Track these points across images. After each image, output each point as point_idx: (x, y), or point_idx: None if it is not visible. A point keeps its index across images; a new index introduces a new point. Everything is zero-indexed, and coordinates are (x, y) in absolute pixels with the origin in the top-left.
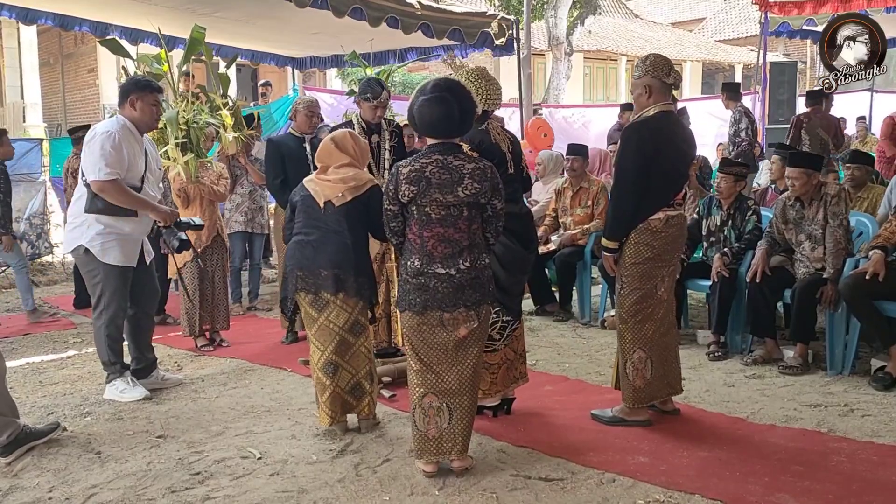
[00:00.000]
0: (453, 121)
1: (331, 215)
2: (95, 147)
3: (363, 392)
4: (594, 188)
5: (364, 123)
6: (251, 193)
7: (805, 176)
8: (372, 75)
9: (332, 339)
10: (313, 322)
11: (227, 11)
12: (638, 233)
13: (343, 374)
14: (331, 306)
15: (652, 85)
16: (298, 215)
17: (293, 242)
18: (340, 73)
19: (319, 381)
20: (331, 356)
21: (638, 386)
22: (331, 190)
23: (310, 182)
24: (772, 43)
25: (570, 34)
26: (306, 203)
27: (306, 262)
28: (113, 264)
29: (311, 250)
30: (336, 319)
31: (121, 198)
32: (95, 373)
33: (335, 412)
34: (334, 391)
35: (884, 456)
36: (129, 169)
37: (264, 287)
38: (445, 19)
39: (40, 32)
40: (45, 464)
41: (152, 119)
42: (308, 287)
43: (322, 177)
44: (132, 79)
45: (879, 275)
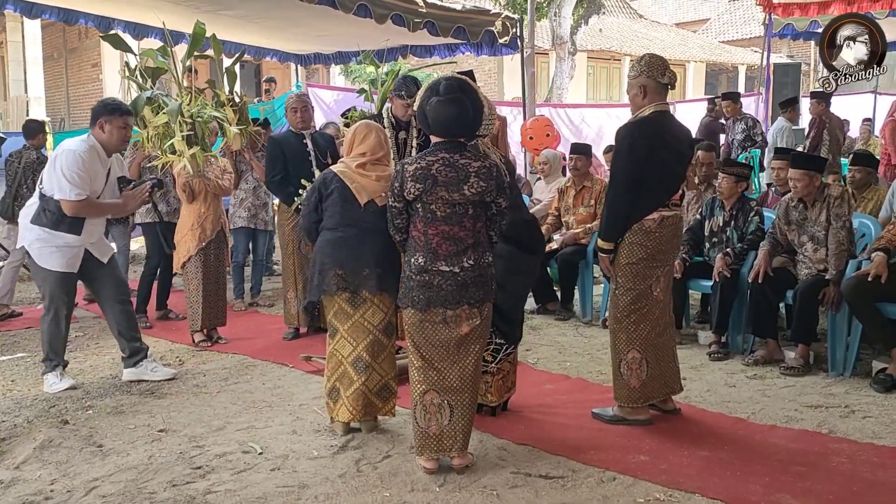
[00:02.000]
0: (467, 121)
1: (371, 214)
2: (62, 167)
3: (391, 393)
4: (597, 187)
5: (394, 119)
6: (255, 189)
7: (807, 177)
8: (407, 74)
9: (365, 336)
10: (347, 318)
11: (233, 9)
12: (632, 233)
13: (373, 376)
14: (367, 304)
15: (647, 85)
16: (330, 209)
17: (327, 241)
18: (344, 69)
19: (346, 375)
20: (362, 353)
21: (633, 386)
22: (374, 188)
23: (345, 174)
24: (776, 44)
25: (574, 33)
26: (342, 198)
27: (348, 262)
28: (50, 269)
29: (351, 249)
30: (372, 318)
31: (94, 211)
32: (97, 367)
33: (357, 409)
34: (360, 389)
35: (884, 457)
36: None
37: (266, 283)
38: (449, 17)
39: (44, 27)
40: (47, 456)
41: (120, 142)
42: (348, 286)
43: (363, 172)
44: (102, 102)
45: (882, 277)
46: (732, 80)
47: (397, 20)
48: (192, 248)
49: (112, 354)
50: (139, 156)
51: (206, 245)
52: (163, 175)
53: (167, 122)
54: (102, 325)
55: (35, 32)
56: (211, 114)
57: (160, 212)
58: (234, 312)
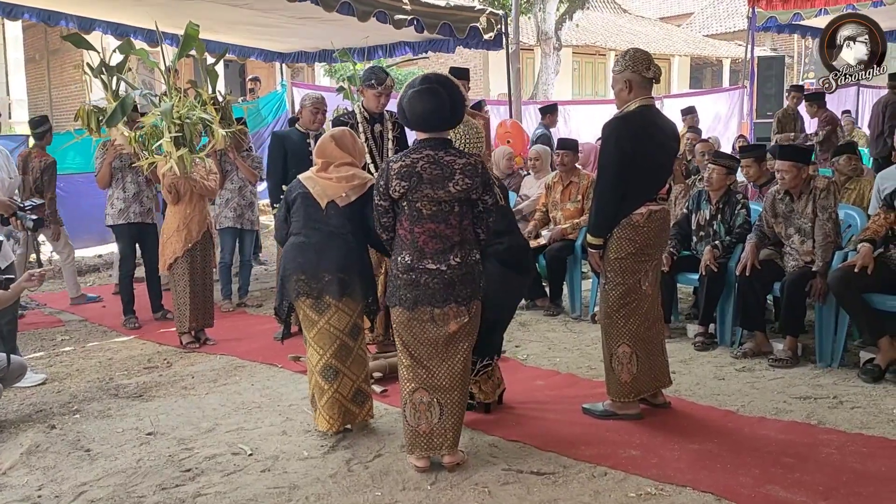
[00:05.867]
0: (444, 113)
1: (333, 216)
2: None
3: (365, 397)
4: (584, 182)
5: (367, 113)
6: (241, 189)
7: (795, 169)
8: (375, 65)
9: (332, 342)
10: (312, 325)
11: (214, 3)
12: (620, 228)
13: (345, 381)
14: (332, 309)
15: (632, 80)
16: (295, 215)
17: (291, 245)
18: (328, 69)
19: (318, 385)
20: (330, 360)
21: (624, 380)
22: (334, 189)
23: (308, 180)
24: (759, 38)
25: (559, 29)
26: (305, 202)
27: (308, 266)
28: None
29: (312, 254)
30: (337, 323)
31: None
32: (84, 370)
33: (333, 417)
34: (333, 396)
35: (873, 447)
36: None
37: (254, 283)
38: (434, 14)
39: (26, 28)
40: (35, 462)
41: None
42: (311, 292)
43: (323, 175)
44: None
45: (868, 268)
46: (717, 74)
47: (381, 17)
48: (179, 250)
49: (99, 358)
50: (110, 155)
51: (193, 246)
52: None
53: (155, 124)
54: (88, 329)
55: (16, 34)
56: (199, 115)
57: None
58: (221, 313)
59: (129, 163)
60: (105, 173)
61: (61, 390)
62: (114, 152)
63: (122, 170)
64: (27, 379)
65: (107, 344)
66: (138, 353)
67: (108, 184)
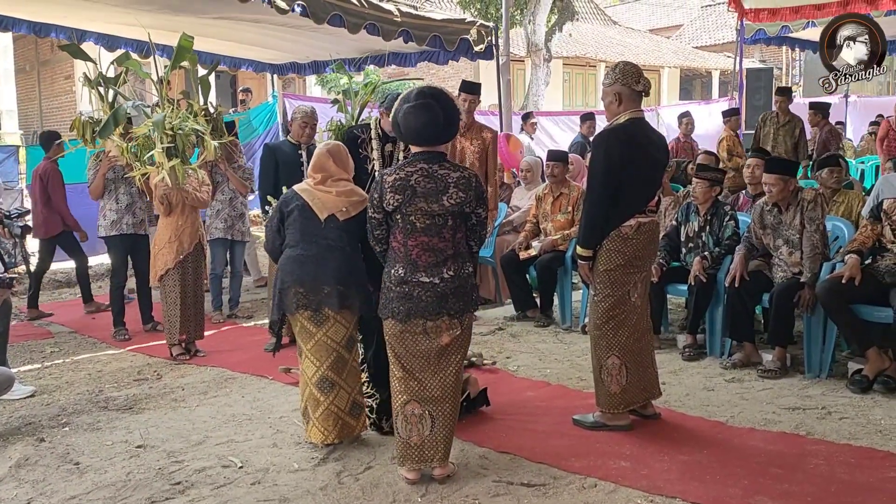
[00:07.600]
0: (439, 127)
1: (332, 230)
2: None
3: (361, 409)
4: (574, 194)
5: (381, 131)
6: (231, 200)
7: (782, 182)
8: (393, 91)
9: (329, 354)
10: (310, 337)
11: (205, 16)
12: (610, 239)
13: (341, 394)
14: (330, 321)
15: (622, 92)
16: (291, 227)
17: (288, 258)
18: (320, 79)
19: (312, 397)
20: (326, 372)
21: (613, 392)
22: (334, 203)
23: (306, 192)
24: (748, 50)
25: (549, 40)
26: (303, 215)
27: (307, 279)
28: None
29: (311, 266)
30: (335, 335)
31: None
32: (73, 382)
33: (328, 429)
34: (329, 408)
35: (861, 458)
36: None
37: (245, 295)
38: (425, 26)
39: (16, 39)
40: (24, 475)
41: None
42: (309, 304)
43: (322, 188)
44: None
45: (855, 279)
46: (706, 86)
47: (371, 30)
48: (170, 262)
49: (88, 370)
50: (104, 166)
51: (185, 258)
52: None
53: (148, 135)
54: (78, 341)
55: (6, 45)
56: (192, 127)
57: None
58: (212, 324)
59: (123, 174)
60: (98, 184)
61: (50, 403)
62: (108, 163)
63: (115, 181)
64: (15, 391)
65: (96, 356)
66: (128, 365)
67: (101, 195)
